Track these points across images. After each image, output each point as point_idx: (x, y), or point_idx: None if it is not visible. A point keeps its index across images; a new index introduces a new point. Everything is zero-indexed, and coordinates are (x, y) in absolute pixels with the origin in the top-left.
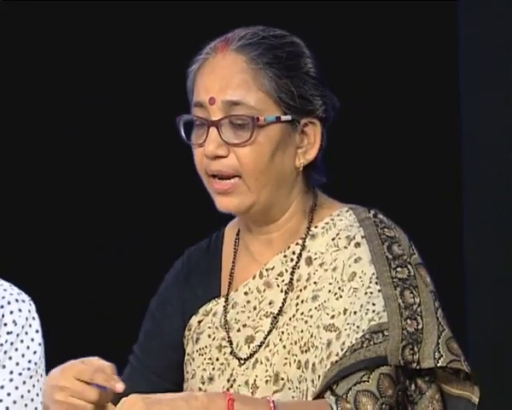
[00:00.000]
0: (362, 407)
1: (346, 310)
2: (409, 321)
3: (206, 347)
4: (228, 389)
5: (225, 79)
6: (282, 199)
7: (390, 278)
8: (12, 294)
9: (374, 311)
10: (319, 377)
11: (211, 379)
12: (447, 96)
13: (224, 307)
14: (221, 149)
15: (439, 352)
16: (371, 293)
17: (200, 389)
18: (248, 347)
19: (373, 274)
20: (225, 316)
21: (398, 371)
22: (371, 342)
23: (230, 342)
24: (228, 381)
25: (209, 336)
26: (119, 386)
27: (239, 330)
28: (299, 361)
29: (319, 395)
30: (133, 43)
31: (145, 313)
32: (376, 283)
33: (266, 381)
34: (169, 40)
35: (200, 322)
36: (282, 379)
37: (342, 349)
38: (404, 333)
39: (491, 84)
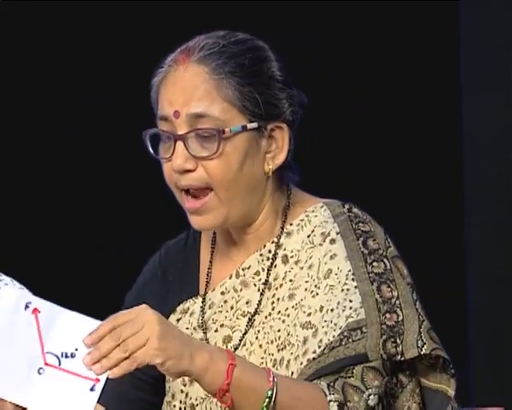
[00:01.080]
0: (349, 397)
1: (322, 307)
2: (388, 315)
3: None
4: None
5: (188, 91)
6: (255, 204)
7: (366, 274)
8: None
9: (351, 308)
10: (292, 373)
11: (191, 380)
12: (448, 96)
13: (202, 307)
14: (189, 162)
15: (422, 340)
16: (348, 290)
17: (181, 391)
18: (226, 347)
19: (349, 271)
20: (203, 316)
21: (386, 364)
22: (350, 340)
23: (208, 343)
24: None
25: None
26: None
27: (216, 331)
28: (275, 360)
29: None
30: (133, 43)
31: None
32: (353, 279)
33: None
34: (169, 40)
35: (178, 320)
36: None
37: (320, 347)
38: (384, 328)
39: (492, 84)
